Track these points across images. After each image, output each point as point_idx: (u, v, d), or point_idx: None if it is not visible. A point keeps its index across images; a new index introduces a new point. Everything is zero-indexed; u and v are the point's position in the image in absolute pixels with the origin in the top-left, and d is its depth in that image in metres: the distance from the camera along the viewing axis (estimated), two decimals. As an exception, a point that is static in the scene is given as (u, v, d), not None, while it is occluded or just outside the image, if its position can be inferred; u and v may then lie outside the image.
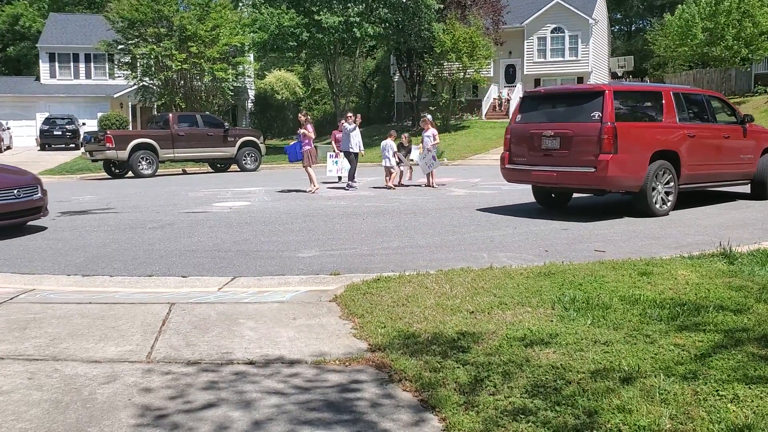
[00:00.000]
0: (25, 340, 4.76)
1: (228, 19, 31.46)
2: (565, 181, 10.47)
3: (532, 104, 11.33)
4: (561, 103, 11.04)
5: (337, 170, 18.51)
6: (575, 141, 10.14)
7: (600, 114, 9.87)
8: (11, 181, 9.91)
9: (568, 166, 10.24)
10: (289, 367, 4.13)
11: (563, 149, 10.30)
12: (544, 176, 10.70)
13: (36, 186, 10.25)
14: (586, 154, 9.99)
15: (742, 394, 3.43)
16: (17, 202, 9.75)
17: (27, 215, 10.10)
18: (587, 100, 10.27)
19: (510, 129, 11.42)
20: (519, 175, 11.24)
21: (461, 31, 33.72)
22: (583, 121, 10.13)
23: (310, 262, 7.72)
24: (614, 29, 59.76)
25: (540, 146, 10.66)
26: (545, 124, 10.66)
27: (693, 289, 5.51)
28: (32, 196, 10.07)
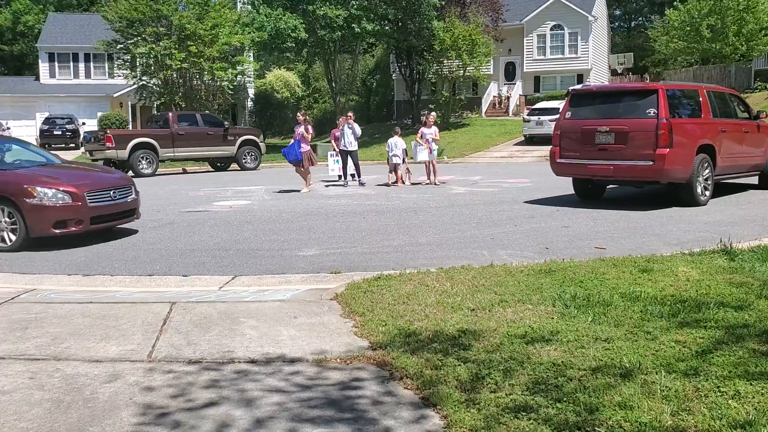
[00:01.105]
0: (26, 340, 4.77)
1: (227, 18, 31.44)
2: (622, 174, 11.00)
3: (582, 101, 11.81)
4: (613, 100, 11.50)
5: (339, 169, 18.49)
6: (631, 136, 10.69)
7: (656, 111, 10.47)
8: (107, 182, 9.46)
9: (625, 160, 10.76)
10: (291, 366, 4.13)
11: (619, 144, 10.82)
12: (600, 170, 11.16)
13: (130, 187, 9.77)
14: (643, 148, 10.54)
15: (743, 390, 3.43)
16: (112, 204, 9.27)
17: (121, 218, 9.61)
18: (641, 98, 10.91)
19: (560, 125, 11.85)
20: (573, 168, 11.71)
21: (461, 28, 33.69)
22: (638, 118, 10.68)
23: (311, 260, 7.72)
24: (614, 26, 59.71)
25: (594, 141, 11.13)
26: (599, 121, 11.12)
27: (694, 286, 5.51)
28: (127, 198, 9.59)
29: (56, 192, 8.68)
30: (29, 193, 8.59)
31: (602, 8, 44.14)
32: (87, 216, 8.84)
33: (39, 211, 8.56)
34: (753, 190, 13.26)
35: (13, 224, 8.62)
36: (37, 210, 8.55)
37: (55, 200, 8.64)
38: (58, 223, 8.64)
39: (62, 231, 8.69)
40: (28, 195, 8.58)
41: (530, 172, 19.99)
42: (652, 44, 42.34)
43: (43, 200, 8.58)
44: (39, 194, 8.59)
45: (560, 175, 12.22)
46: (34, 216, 8.55)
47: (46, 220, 8.59)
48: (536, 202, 12.25)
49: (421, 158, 17.05)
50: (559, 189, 14.29)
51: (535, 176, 18.10)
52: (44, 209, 8.57)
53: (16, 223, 8.60)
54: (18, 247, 8.59)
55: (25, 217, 8.55)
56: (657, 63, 45.49)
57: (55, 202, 8.64)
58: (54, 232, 8.65)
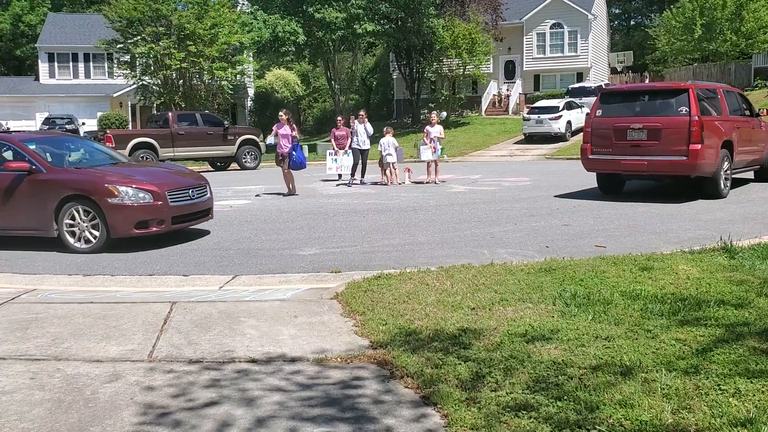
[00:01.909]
0: (26, 340, 4.77)
1: (226, 17, 31.43)
2: (656, 169, 11.52)
3: (612, 100, 12.37)
4: (644, 98, 12.05)
5: (337, 168, 18.47)
6: (665, 133, 11.25)
7: (687, 109, 11.11)
8: (186, 182, 9.25)
9: (658, 155, 11.29)
10: (291, 365, 4.14)
11: (652, 140, 11.37)
12: (634, 165, 11.63)
13: (206, 186, 9.55)
14: (676, 144, 11.12)
15: (743, 388, 3.43)
16: (191, 204, 9.04)
17: (199, 217, 9.36)
18: (672, 96, 11.56)
19: (591, 123, 12.31)
20: (606, 164, 12.11)
21: (461, 27, 33.67)
22: (671, 115, 11.29)
23: (311, 259, 7.72)
24: (613, 24, 59.68)
25: (626, 138, 11.63)
26: (631, 118, 11.67)
27: (694, 284, 5.51)
28: (203, 197, 9.38)
29: (138, 191, 8.44)
30: (111, 192, 8.33)
31: (602, 6, 44.12)
32: (168, 216, 8.63)
33: (121, 210, 8.32)
34: (752, 184, 13.48)
35: (94, 225, 8.38)
36: (119, 209, 8.31)
37: (137, 199, 8.40)
38: (140, 223, 8.40)
39: (144, 231, 8.46)
40: (110, 194, 8.32)
41: (530, 170, 19.98)
42: (652, 43, 42.31)
43: (124, 200, 8.33)
44: (121, 193, 8.34)
45: (592, 171, 12.59)
46: (116, 216, 8.30)
47: (128, 220, 8.35)
48: (542, 198, 12.26)
49: (425, 157, 17.04)
50: (560, 188, 14.30)
51: (535, 175, 18.10)
52: (126, 209, 8.33)
53: (97, 224, 8.36)
54: (98, 248, 8.35)
55: (106, 217, 8.29)
56: (657, 61, 45.48)
57: (137, 201, 8.39)
58: (135, 233, 8.42)
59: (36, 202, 8.52)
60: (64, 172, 8.92)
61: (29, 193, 8.54)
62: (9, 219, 8.70)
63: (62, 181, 8.59)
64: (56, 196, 8.43)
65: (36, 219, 8.56)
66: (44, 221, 8.49)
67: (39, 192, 8.52)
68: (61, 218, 8.43)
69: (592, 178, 13.87)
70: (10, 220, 8.70)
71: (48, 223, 8.47)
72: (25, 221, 8.65)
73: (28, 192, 8.55)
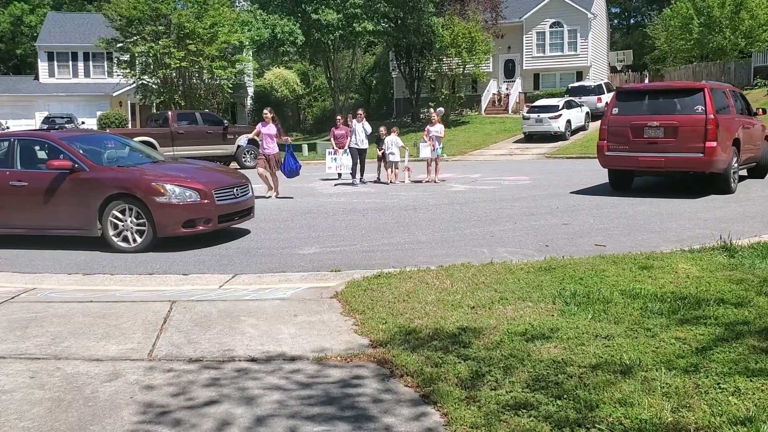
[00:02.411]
0: (26, 339, 4.77)
1: (226, 16, 31.40)
2: (673, 165, 11.95)
3: (628, 98, 12.74)
4: (659, 97, 12.46)
5: (336, 167, 18.46)
6: (681, 131, 11.67)
7: (703, 107, 11.57)
8: (230, 180, 9.13)
9: (675, 152, 11.70)
10: (291, 364, 4.14)
11: (669, 138, 11.77)
12: (651, 161, 12.03)
13: (247, 184, 9.43)
14: (693, 141, 11.55)
15: (743, 386, 3.43)
16: (235, 203, 8.93)
17: (243, 216, 9.26)
18: (688, 95, 12.00)
19: (607, 120, 12.64)
20: (623, 161, 12.41)
21: (460, 26, 33.66)
22: (687, 114, 11.72)
23: (311, 259, 7.72)
24: (613, 23, 59.66)
25: (643, 135, 11.99)
26: (648, 116, 12.04)
27: (694, 283, 5.51)
28: (246, 196, 9.26)
29: (185, 189, 8.32)
30: (158, 190, 8.21)
31: (601, 5, 44.10)
32: (215, 215, 8.53)
33: (169, 209, 8.20)
34: (751, 183, 13.53)
35: (140, 224, 8.27)
36: (166, 208, 8.19)
37: (184, 198, 8.28)
38: (187, 222, 8.29)
39: (191, 230, 8.34)
40: (158, 193, 8.20)
41: (530, 169, 19.98)
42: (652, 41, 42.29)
43: (172, 198, 8.22)
44: (168, 192, 8.22)
45: (608, 167, 12.88)
46: (164, 215, 8.19)
47: (175, 219, 8.23)
48: (535, 197, 12.25)
49: (423, 155, 17.05)
50: (559, 186, 14.31)
51: (535, 174, 18.10)
52: (174, 207, 8.22)
53: (143, 223, 8.25)
54: (144, 247, 8.25)
55: (153, 216, 8.18)
56: (656, 60, 45.47)
57: (184, 200, 8.28)
58: (183, 232, 8.31)
59: (79, 201, 8.38)
60: (108, 170, 8.77)
61: (71, 192, 8.41)
62: (50, 218, 8.57)
63: (106, 180, 8.44)
64: (100, 195, 8.29)
65: (78, 218, 8.43)
66: (87, 220, 8.37)
67: (82, 191, 8.38)
68: (106, 217, 8.30)
69: (591, 177, 13.91)
70: (51, 220, 8.58)
71: (91, 223, 8.35)
72: (67, 220, 8.52)
73: (70, 191, 8.41)
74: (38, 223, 8.66)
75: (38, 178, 8.60)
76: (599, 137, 12.81)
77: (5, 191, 8.63)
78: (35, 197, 8.54)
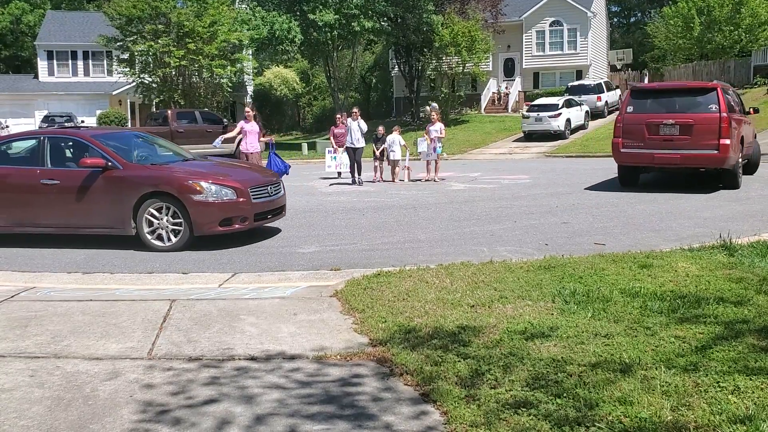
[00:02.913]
0: (26, 338, 4.77)
1: (225, 15, 31.38)
2: (688, 162, 12.38)
3: (642, 97, 13.13)
4: (673, 96, 12.91)
5: (336, 165, 18.45)
6: (696, 128, 12.09)
7: (717, 106, 12.05)
8: (263, 178, 9.07)
9: (691, 149, 12.15)
10: (291, 362, 4.14)
11: (684, 135, 12.16)
12: (667, 158, 12.41)
13: (280, 183, 9.40)
14: (707, 139, 11.98)
15: (743, 385, 3.43)
16: (269, 201, 8.85)
17: (276, 214, 9.19)
18: (701, 94, 12.52)
19: (622, 118, 12.99)
20: (639, 157, 12.73)
21: (460, 25, 33.64)
22: (702, 112, 12.17)
23: (311, 257, 7.72)
24: (612, 22, 59.64)
25: (658, 133, 12.39)
26: (664, 114, 12.46)
27: (693, 282, 5.51)
28: (279, 194, 9.19)
29: (221, 188, 8.24)
30: (194, 188, 8.13)
31: (601, 4, 44.07)
32: (251, 213, 8.45)
33: (205, 207, 8.13)
34: (750, 182, 13.41)
35: (176, 223, 8.18)
36: (203, 206, 8.11)
37: (221, 196, 8.21)
38: (224, 220, 8.22)
39: (227, 229, 8.28)
40: (194, 191, 8.12)
41: (530, 168, 19.97)
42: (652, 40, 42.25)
43: (208, 197, 8.14)
44: (205, 190, 8.15)
45: (623, 164, 13.11)
46: (200, 213, 8.11)
47: (212, 218, 8.16)
48: (534, 196, 12.25)
49: (421, 148, 17.11)
50: (559, 185, 14.31)
51: (534, 173, 18.10)
52: (211, 206, 8.15)
53: (179, 222, 8.17)
54: (181, 246, 8.16)
55: (190, 215, 8.09)
56: (656, 59, 45.44)
57: (221, 198, 8.21)
58: (219, 230, 8.24)
59: (112, 200, 8.31)
60: (141, 168, 8.70)
61: (104, 191, 8.32)
62: (82, 217, 8.49)
63: (141, 178, 8.35)
64: (135, 194, 8.19)
65: (112, 217, 8.35)
66: (121, 219, 8.29)
67: (115, 189, 8.30)
68: (140, 216, 8.21)
69: (591, 175, 13.90)
70: (82, 219, 8.50)
71: (125, 221, 8.27)
72: (100, 219, 8.44)
73: (102, 189, 8.32)
74: (69, 222, 8.58)
75: (70, 176, 8.52)
76: (614, 135, 13.08)
77: (36, 190, 8.53)
78: (67, 196, 8.45)
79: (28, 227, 8.76)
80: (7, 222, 8.74)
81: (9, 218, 8.72)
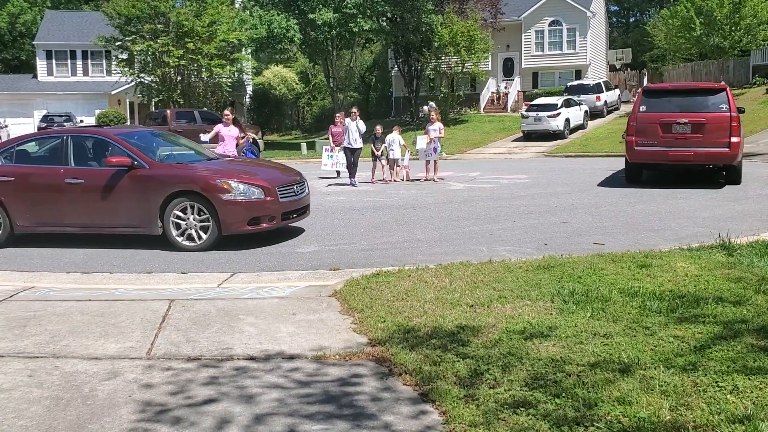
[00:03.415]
0: (25, 338, 4.77)
1: (224, 15, 31.38)
2: (700, 159, 12.82)
3: (654, 96, 13.69)
4: (684, 95, 13.52)
5: (332, 164, 18.39)
6: (708, 127, 12.64)
7: (727, 106, 12.72)
8: (289, 178, 9.01)
9: (703, 147, 12.62)
10: (290, 362, 4.14)
11: (696, 134, 12.68)
12: (680, 155, 12.80)
13: (304, 182, 9.35)
14: (719, 137, 12.54)
15: (741, 385, 3.44)
16: (295, 200, 8.80)
17: (301, 214, 9.14)
18: (712, 94, 13.18)
19: (636, 117, 13.42)
20: (653, 155, 13.12)
21: (459, 24, 33.64)
22: (713, 111, 12.79)
23: (310, 257, 7.72)
24: (612, 22, 59.63)
25: (671, 131, 12.87)
26: (676, 114, 12.94)
27: (692, 281, 5.51)
28: (303, 193, 9.14)
29: (249, 186, 8.21)
30: (223, 188, 8.08)
31: (600, 4, 44.07)
32: (279, 212, 8.42)
33: (234, 206, 8.08)
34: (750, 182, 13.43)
35: (203, 222, 8.13)
36: (232, 206, 8.07)
37: (249, 195, 8.17)
38: (252, 219, 8.17)
39: (255, 228, 8.24)
40: (223, 190, 8.07)
41: (529, 168, 19.97)
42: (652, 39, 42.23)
43: (237, 196, 8.10)
44: (234, 189, 8.10)
45: (637, 161, 13.44)
46: (229, 212, 8.06)
47: (241, 217, 8.12)
48: (531, 196, 12.25)
49: (419, 146, 17.10)
50: (558, 185, 14.31)
51: (533, 172, 18.10)
52: (239, 205, 8.11)
53: (207, 221, 8.10)
54: (209, 245, 8.11)
55: (219, 214, 8.05)
56: (655, 59, 45.44)
57: (249, 197, 8.16)
58: (248, 229, 8.20)
59: (138, 199, 8.27)
60: (168, 167, 8.67)
61: (130, 190, 8.28)
62: (107, 216, 8.45)
63: (168, 177, 8.31)
64: (162, 193, 8.14)
65: (138, 216, 8.32)
66: (147, 218, 8.25)
67: (141, 188, 8.26)
68: (167, 215, 8.16)
69: (590, 175, 13.90)
70: (107, 218, 8.46)
71: (152, 221, 8.23)
72: (125, 219, 8.41)
73: (128, 188, 8.28)
74: (94, 222, 8.55)
75: (95, 175, 8.49)
76: (627, 133, 13.46)
77: (60, 189, 8.49)
78: (91, 195, 8.41)
79: (52, 227, 8.72)
80: (30, 222, 8.69)
81: (32, 218, 8.66)
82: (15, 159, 8.92)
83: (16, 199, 8.59)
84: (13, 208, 8.60)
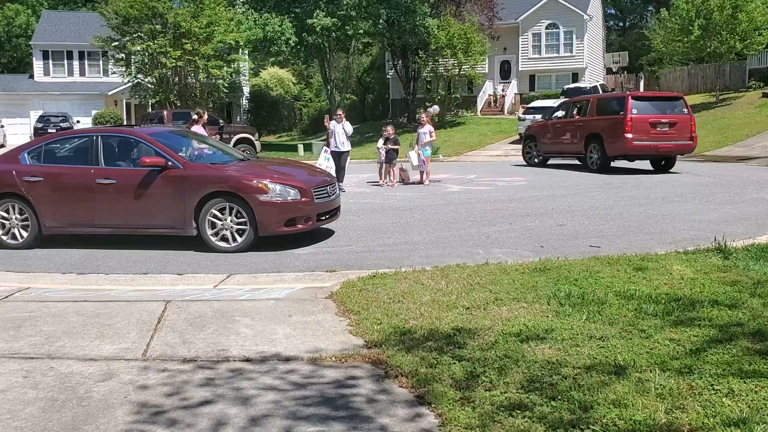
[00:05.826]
0: (20, 339, 4.75)
1: (222, 16, 31.37)
2: (676, 150, 16.99)
3: (640, 101, 17.28)
4: (660, 101, 18.04)
5: (327, 167, 18.23)
6: (678, 125, 16.64)
7: (688, 110, 17.07)
8: (322, 179, 9.00)
9: (677, 141, 16.69)
10: (286, 364, 4.13)
11: (672, 131, 16.61)
12: (665, 147, 16.77)
13: (335, 183, 9.38)
14: (685, 133, 16.68)
15: (737, 388, 3.44)
16: (329, 201, 8.78)
17: (334, 215, 9.11)
18: (677, 100, 17.65)
19: (631, 118, 16.50)
20: (647, 148, 16.66)
21: (456, 27, 33.69)
22: (679, 114, 16.88)
23: (306, 259, 7.71)
24: (609, 25, 59.76)
25: (656, 129, 16.48)
26: (659, 115, 16.74)
27: (688, 284, 5.53)
28: (335, 195, 9.13)
29: (285, 187, 8.17)
30: (260, 188, 8.03)
31: (597, 7, 44.17)
32: (314, 213, 8.39)
33: (271, 207, 8.03)
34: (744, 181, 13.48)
35: (240, 223, 8.07)
36: (269, 207, 8.01)
37: (286, 196, 8.13)
38: (289, 220, 8.13)
39: (291, 229, 8.20)
40: (260, 191, 8.02)
41: (525, 170, 19.99)
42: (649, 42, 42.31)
43: (273, 197, 8.06)
44: (271, 190, 8.05)
45: (633, 152, 16.66)
46: (266, 213, 8.00)
47: (277, 218, 8.07)
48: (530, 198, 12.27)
49: (414, 162, 16.83)
50: (554, 187, 14.33)
51: (530, 175, 18.11)
52: (276, 206, 8.07)
53: (243, 222, 8.06)
54: (244, 247, 8.07)
55: (255, 215, 7.99)
56: (652, 62, 45.55)
57: (286, 198, 8.12)
58: (284, 230, 8.16)
59: (172, 200, 8.18)
60: (203, 168, 8.60)
61: (164, 190, 8.20)
62: (140, 217, 8.37)
63: (203, 178, 8.24)
64: (197, 194, 8.06)
65: (172, 217, 8.23)
66: (182, 219, 8.16)
67: (175, 189, 8.17)
68: (203, 216, 8.08)
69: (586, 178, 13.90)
70: (140, 219, 8.37)
71: (186, 222, 8.14)
72: (159, 219, 8.33)
73: (162, 189, 8.19)
74: (127, 223, 8.46)
75: (127, 175, 8.41)
76: (625, 131, 16.40)
77: (92, 189, 8.41)
78: (124, 195, 8.33)
79: (81, 228, 8.64)
80: (59, 222, 8.60)
81: (62, 218, 8.57)
82: (43, 159, 8.83)
83: (45, 200, 8.50)
84: (41, 209, 8.50)
